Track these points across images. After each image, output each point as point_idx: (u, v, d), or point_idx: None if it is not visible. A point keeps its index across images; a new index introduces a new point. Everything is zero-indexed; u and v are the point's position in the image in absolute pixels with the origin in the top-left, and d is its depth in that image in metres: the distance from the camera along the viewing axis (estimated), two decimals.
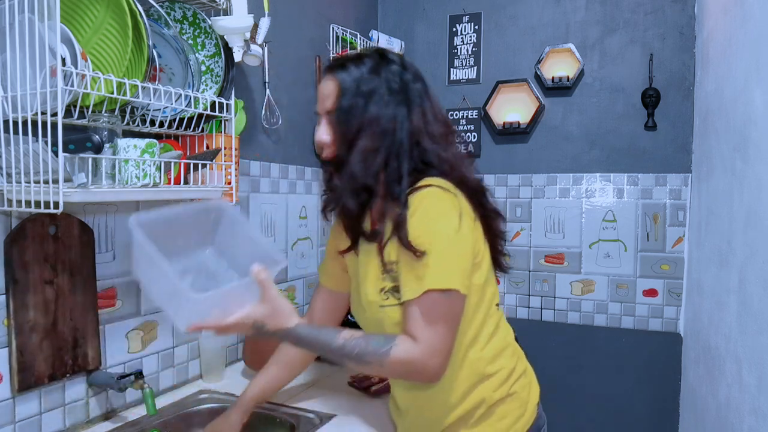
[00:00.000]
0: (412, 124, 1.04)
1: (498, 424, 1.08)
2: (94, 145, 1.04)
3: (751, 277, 1.27)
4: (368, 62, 1.06)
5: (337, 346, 0.98)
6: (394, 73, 1.06)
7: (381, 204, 1.04)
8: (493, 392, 1.07)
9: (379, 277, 1.05)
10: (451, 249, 0.97)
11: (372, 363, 0.96)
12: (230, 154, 1.42)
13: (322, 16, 2.17)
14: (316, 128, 1.10)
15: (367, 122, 1.02)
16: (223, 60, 1.36)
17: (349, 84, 1.04)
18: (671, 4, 2.18)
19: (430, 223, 0.97)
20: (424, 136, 1.05)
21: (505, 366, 1.09)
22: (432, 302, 0.95)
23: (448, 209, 0.98)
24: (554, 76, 2.32)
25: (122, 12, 1.05)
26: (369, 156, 1.01)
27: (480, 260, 1.05)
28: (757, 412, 1.20)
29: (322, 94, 1.08)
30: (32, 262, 1.13)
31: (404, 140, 1.03)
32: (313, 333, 1.01)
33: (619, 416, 2.29)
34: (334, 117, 1.05)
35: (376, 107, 1.02)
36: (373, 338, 0.98)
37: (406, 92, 1.05)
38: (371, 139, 1.02)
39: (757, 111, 1.27)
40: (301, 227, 2.06)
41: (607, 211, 2.31)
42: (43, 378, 1.15)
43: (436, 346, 0.95)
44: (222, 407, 1.40)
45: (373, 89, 1.03)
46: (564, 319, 2.40)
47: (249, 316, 0.97)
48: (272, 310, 0.98)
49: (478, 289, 1.05)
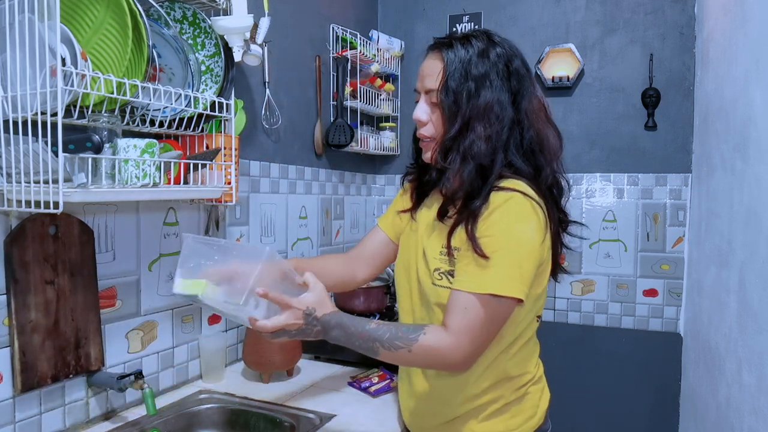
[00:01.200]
0: (519, 113, 1.03)
1: (509, 421, 1.09)
2: (94, 145, 1.04)
3: (751, 277, 1.27)
4: (476, 44, 1.03)
5: (370, 328, 0.99)
6: (501, 57, 1.03)
7: (468, 183, 1.02)
8: (510, 393, 1.09)
9: (438, 257, 1.05)
10: (521, 256, 0.96)
11: (401, 348, 0.97)
12: (230, 154, 1.42)
13: (322, 16, 2.17)
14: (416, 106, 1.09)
15: (479, 108, 1.00)
16: (222, 60, 1.36)
17: (457, 65, 1.01)
18: (671, 4, 2.18)
19: (507, 227, 0.96)
20: (529, 127, 1.04)
21: (528, 372, 1.11)
22: (483, 303, 0.95)
23: (528, 217, 0.98)
24: (554, 75, 2.32)
25: (122, 12, 1.05)
26: (482, 141, 1.00)
27: (542, 270, 1.04)
28: (757, 412, 1.20)
29: (424, 71, 1.06)
30: (32, 262, 1.13)
31: (508, 128, 1.01)
32: (351, 317, 1.02)
33: (619, 416, 2.29)
34: (440, 98, 1.03)
35: (488, 93, 1.00)
36: (403, 326, 1.00)
37: (515, 78, 1.04)
38: (484, 125, 1.00)
39: (757, 111, 1.27)
40: (301, 227, 2.06)
41: (608, 211, 2.31)
42: (45, 378, 1.15)
43: (465, 343, 0.96)
44: (222, 407, 1.40)
45: (484, 73, 1.01)
46: (564, 319, 2.40)
47: (302, 301, 0.99)
48: (320, 298, 1.01)
49: (532, 299, 1.05)
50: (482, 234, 0.97)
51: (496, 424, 1.09)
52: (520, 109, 1.03)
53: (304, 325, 0.99)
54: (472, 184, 1.00)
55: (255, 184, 1.80)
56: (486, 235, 0.96)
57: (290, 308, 0.98)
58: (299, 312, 0.99)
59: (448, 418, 1.11)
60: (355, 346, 1.00)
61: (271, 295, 0.97)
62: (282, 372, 1.60)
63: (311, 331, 1.00)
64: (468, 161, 1.00)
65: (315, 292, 1.02)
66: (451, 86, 1.01)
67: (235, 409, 1.39)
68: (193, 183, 1.33)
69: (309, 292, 1.02)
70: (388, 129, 2.56)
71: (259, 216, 1.82)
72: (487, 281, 0.95)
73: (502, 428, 1.08)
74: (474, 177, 1.00)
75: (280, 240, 1.93)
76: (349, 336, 1.00)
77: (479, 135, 1.00)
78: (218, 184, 1.36)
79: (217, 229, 1.63)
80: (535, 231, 0.98)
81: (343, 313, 1.02)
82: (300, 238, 2.04)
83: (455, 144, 1.01)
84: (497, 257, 0.95)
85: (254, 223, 1.80)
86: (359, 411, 1.37)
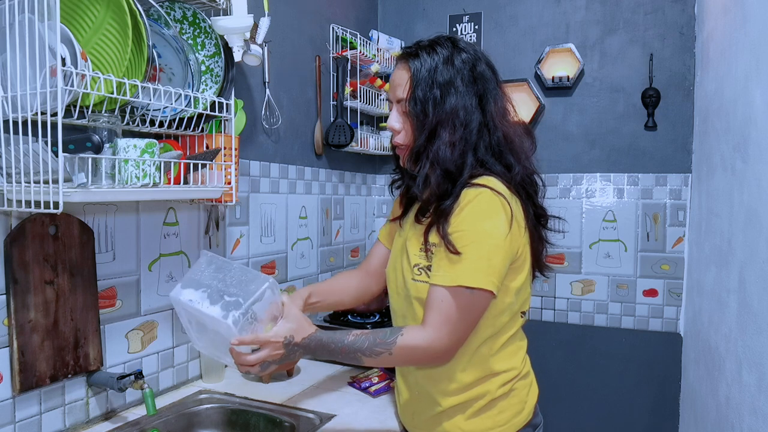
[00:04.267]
0: (485, 115, 1.05)
1: (497, 417, 1.10)
2: (94, 145, 1.04)
3: (751, 277, 1.28)
4: (441, 51, 1.06)
5: (349, 341, 1.03)
6: (466, 63, 1.06)
7: (435, 187, 1.05)
8: (496, 389, 1.09)
9: (417, 254, 1.08)
10: (490, 249, 0.98)
11: (382, 353, 1.01)
12: (230, 154, 1.42)
13: (322, 16, 2.17)
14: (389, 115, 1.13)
15: (445, 115, 1.03)
16: (222, 60, 1.36)
17: (423, 74, 1.04)
18: (671, 4, 2.18)
19: (476, 222, 0.99)
20: (496, 128, 1.06)
21: (513, 368, 1.12)
22: (457, 295, 0.98)
23: (496, 212, 1.00)
24: (554, 76, 2.32)
25: (122, 12, 1.05)
26: (447, 147, 1.03)
27: (520, 264, 1.07)
28: (757, 411, 1.20)
29: (394, 82, 1.10)
30: (32, 262, 1.13)
31: (476, 131, 1.04)
32: (329, 333, 1.07)
33: (619, 416, 2.29)
34: (408, 107, 1.06)
35: (453, 99, 1.03)
36: (380, 331, 1.03)
37: (480, 82, 1.06)
38: (450, 131, 1.03)
39: (757, 111, 1.27)
40: (301, 227, 2.06)
41: (608, 211, 2.31)
42: (44, 378, 1.15)
43: (444, 335, 0.99)
44: (222, 407, 1.40)
45: (449, 80, 1.04)
46: (564, 319, 2.40)
47: (278, 333, 1.05)
48: (297, 324, 1.07)
49: (511, 293, 1.07)
50: (454, 230, 1.00)
51: (484, 420, 1.09)
52: (486, 112, 1.06)
53: (285, 353, 1.05)
54: (440, 188, 1.04)
55: (255, 184, 1.80)
56: (457, 231, 1.00)
57: (268, 344, 1.04)
58: (278, 344, 1.04)
59: (434, 412, 1.11)
60: (339, 359, 1.05)
61: (246, 340, 1.03)
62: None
63: (295, 356, 1.07)
64: (435, 167, 1.04)
65: (290, 318, 1.07)
66: (418, 95, 1.04)
67: (235, 409, 1.39)
68: (193, 183, 1.33)
69: (283, 320, 1.07)
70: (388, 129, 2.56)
71: (259, 216, 1.82)
72: (458, 274, 0.98)
73: (490, 424, 1.09)
74: (441, 181, 1.04)
75: (279, 240, 1.93)
76: (331, 352, 1.04)
77: (444, 141, 1.03)
78: (218, 184, 1.36)
79: (217, 229, 1.63)
80: (503, 225, 1.00)
81: (322, 332, 1.07)
82: (300, 238, 2.04)
83: (423, 150, 1.05)
84: (468, 251, 0.98)
85: (254, 223, 1.80)
86: (359, 411, 1.37)
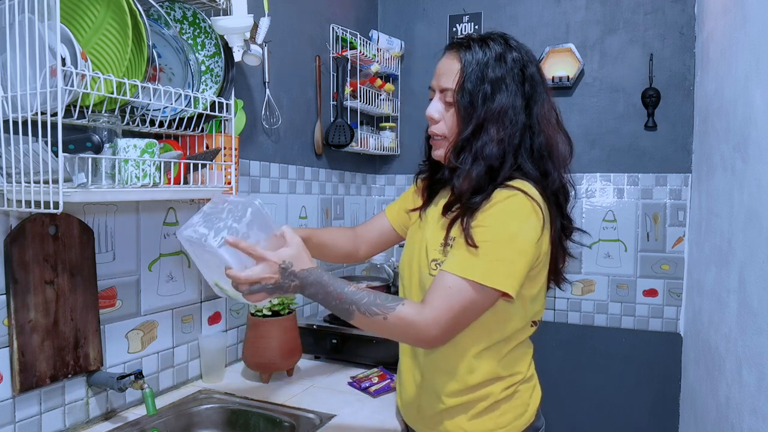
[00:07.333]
0: (531, 118, 1.05)
1: (499, 419, 1.09)
2: (93, 145, 1.04)
3: (751, 277, 1.27)
4: (494, 47, 1.05)
5: (349, 291, 0.98)
6: (517, 62, 1.05)
7: (475, 182, 1.03)
8: (500, 391, 1.09)
9: (437, 248, 1.07)
10: (512, 251, 0.97)
11: (377, 314, 0.96)
12: (230, 154, 1.42)
13: (322, 16, 2.17)
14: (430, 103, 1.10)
15: (493, 111, 1.02)
16: (222, 60, 1.36)
17: (474, 66, 1.03)
18: (671, 4, 2.18)
19: (502, 222, 0.98)
20: (539, 132, 1.05)
21: (519, 372, 1.12)
22: (466, 288, 0.96)
23: (527, 215, 0.99)
24: (554, 75, 2.32)
25: (122, 12, 1.05)
26: (493, 144, 1.02)
27: (536, 273, 1.05)
28: (757, 411, 1.20)
29: (441, 70, 1.08)
30: (32, 262, 1.13)
31: (520, 133, 1.03)
32: (331, 275, 1.01)
33: (619, 416, 2.29)
34: (456, 97, 1.04)
35: (502, 97, 1.02)
36: (382, 294, 1.00)
37: (529, 84, 1.05)
38: (496, 128, 1.02)
39: (757, 111, 1.27)
40: (301, 227, 2.05)
41: (608, 211, 2.31)
42: (44, 378, 1.15)
43: (443, 321, 0.96)
44: (222, 407, 1.40)
45: (500, 77, 1.03)
46: (564, 319, 2.40)
47: (279, 255, 0.98)
48: (298, 252, 1.00)
49: (527, 300, 1.06)
50: (477, 224, 0.99)
51: (486, 422, 1.09)
52: (531, 115, 1.05)
53: (280, 280, 0.98)
54: (480, 183, 1.02)
55: (255, 184, 1.80)
56: (481, 225, 0.98)
57: (265, 261, 0.97)
58: (275, 265, 0.97)
59: (437, 409, 1.11)
60: (331, 306, 0.99)
61: (242, 244, 0.96)
62: (282, 372, 1.60)
63: (288, 287, 0.99)
64: (479, 162, 1.02)
65: (292, 245, 1.00)
66: (468, 87, 1.03)
67: (235, 409, 1.39)
68: (193, 183, 1.33)
69: (286, 245, 1.00)
70: (388, 129, 2.56)
71: None
72: (475, 268, 0.96)
73: (491, 426, 1.09)
74: (482, 177, 1.02)
75: None
76: (326, 294, 0.99)
77: (492, 137, 1.02)
78: (218, 184, 1.36)
79: None
80: (531, 230, 0.99)
81: (323, 271, 1.01)
82: None
83: (468, 144, 1.03)
84: (486, 247, 0.96)
85: None
86: (359, 411, 1.37)
